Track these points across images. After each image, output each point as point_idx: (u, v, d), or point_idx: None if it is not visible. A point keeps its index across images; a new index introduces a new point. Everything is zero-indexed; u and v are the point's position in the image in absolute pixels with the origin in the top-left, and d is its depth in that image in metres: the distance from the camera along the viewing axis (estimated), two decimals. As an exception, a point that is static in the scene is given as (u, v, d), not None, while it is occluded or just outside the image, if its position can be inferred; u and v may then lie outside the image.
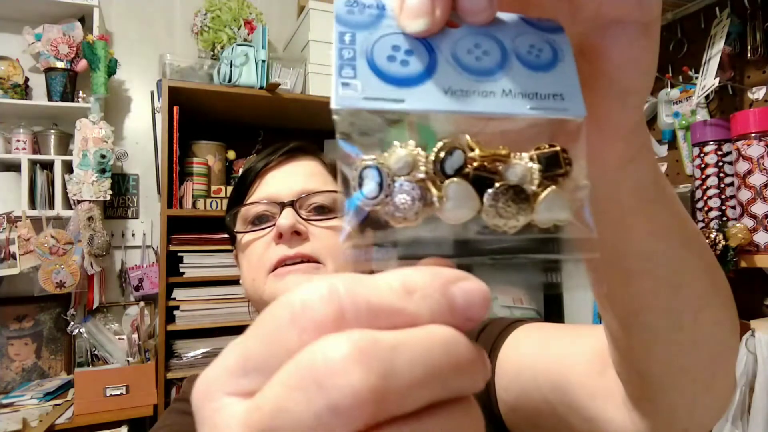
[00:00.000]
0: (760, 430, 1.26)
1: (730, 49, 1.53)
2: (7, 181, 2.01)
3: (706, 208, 1.54)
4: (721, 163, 1.51)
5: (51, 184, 2.03)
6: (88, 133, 1.98)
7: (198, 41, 2.25)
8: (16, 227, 1.92)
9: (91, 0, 2.07)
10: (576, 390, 0.44)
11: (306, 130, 2.38)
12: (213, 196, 2.07)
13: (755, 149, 1.38)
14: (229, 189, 2.09)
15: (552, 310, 2.25)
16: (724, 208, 1.51)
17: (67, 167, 2.04)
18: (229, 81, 1.99)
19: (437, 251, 0.20)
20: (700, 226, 1.55)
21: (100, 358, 2.03)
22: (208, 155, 2.15)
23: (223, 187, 2.11)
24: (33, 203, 1.99)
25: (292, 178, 0.70)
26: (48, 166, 2.04)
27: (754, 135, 1.38)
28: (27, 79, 2.13)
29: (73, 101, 2.09)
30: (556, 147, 0.21)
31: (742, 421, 1.30)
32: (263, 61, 2.02)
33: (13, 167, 2.03)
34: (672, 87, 1.74)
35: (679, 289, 0.34)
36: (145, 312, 2.08)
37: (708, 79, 1.49)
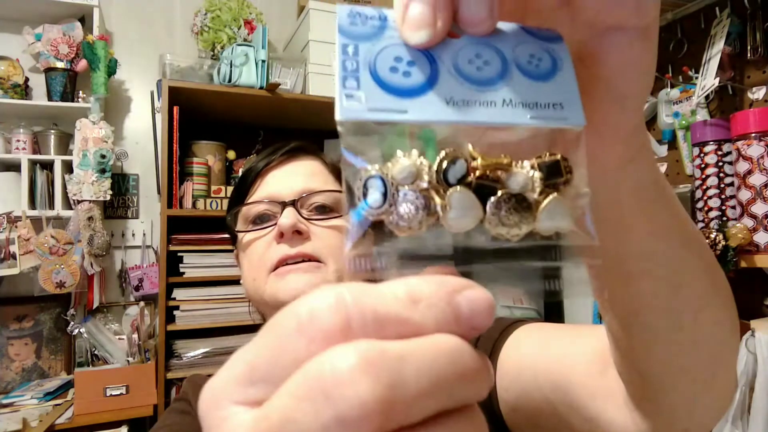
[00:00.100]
0: (760, 430, 1.27)
1: (730, 49, 1.53)
2: (7, 181, 2.01)
3: (706, 208, 1.54)
4: (721, 163, 1.51)
5: (51, 184, 2.03)
6: (88, 133, 1.98)
7: (198, 41, 2.25)
8: (16, 227, 1.92)
9: (91, 0, 2.07)
10: (577, 390, 0.45)
11: (306, 130, 2.38)
12: (213, 196, 2.07)
13: (755, 149, 1.38)
14: (229, 189, 2.09)
15: (552, 311, 2.25)
16: (724, 208, 1.51)
17: (67, 167, 2.04)
18: (229, 81, 1.99)
19: (441, 260, 0.20)
20: (700, 226, 1.56)
21: (100, 358, 2.03)
22: (208, 155, 2.15)
23: (223, 187, 2.11)
24: (33, 203, 1.99)
25: (293, 178, 0.70)
26: (48, 166, 2.04)
27: (754, 135, 1.38)
28: (27, 79, 2.13)
29: (73, 101, 2.08)
30: (556, 155, 0.21)
31: (742, 421, 1.30)
32: (263, 61, 2.02)
33: (13, 167, 2.03)
34: (672, 87, 1.74)
35: (679, 289, 0.34)
36: (145, 312, 2.08)
37: (708, 79, 1.49)
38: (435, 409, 0.16)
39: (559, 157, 0.21)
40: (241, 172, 0.75)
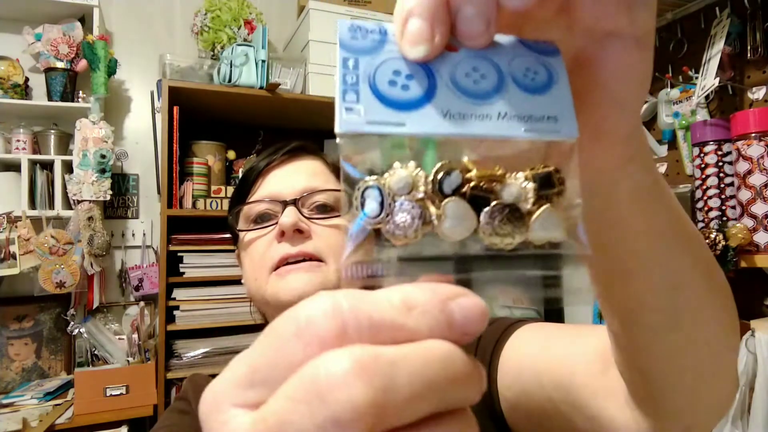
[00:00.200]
0: (760, 430, 1.27)
1: (730, 49, 1.54)
2: (7, 181, 2.01)
3: (706, 208, 1.54)
4: (721, 163, 1.51)
5: (51, 184, 2.03)
6: (88, 133, 1.99)
7: (198, 41, 2.25)
8: (16, 227, 1.93)
9: (91, 0, 2.07)
10: (578, 389, 0.45)
11: (306, 130, 2.38)
12: (213, 196, 2.07)
13: (755, 149, 1.38)
14: (229, 189, 2.10)
15: (552, 312, 2.25)
16: (724, 208, 1.51)
17: (67, 167, 2.04)
18: (229, 81, 1.99)
19: (436, 268, 0.21)
20: (700, 226, 1.56)
21: (100, 358, 2.04)
22: (208, 155, 2.16)
23: (223, 187, 2.11)
24: (33, 203, 2.00)
25: (294, 177, 0.71)
26: (48, 166, 2.05)
27: (754, 135, 1.38)
28: (27, 79, 2.13)
29: (73, 101, 2.09)
30: (550, 167, 0.21)
31: (742, 421, 1.30)
32: (263, 61, 2.03)
33: (13, 167, 2.03)
34: (672, 87, 1.74)
35: (678, 288, 0.35)
36: (145, 312, 2.09)
37: (708, 79, 1.49)
38: (427, 412, 0.17)
39: (552, 168, 0.21)
40: (241, 171, 0.76)
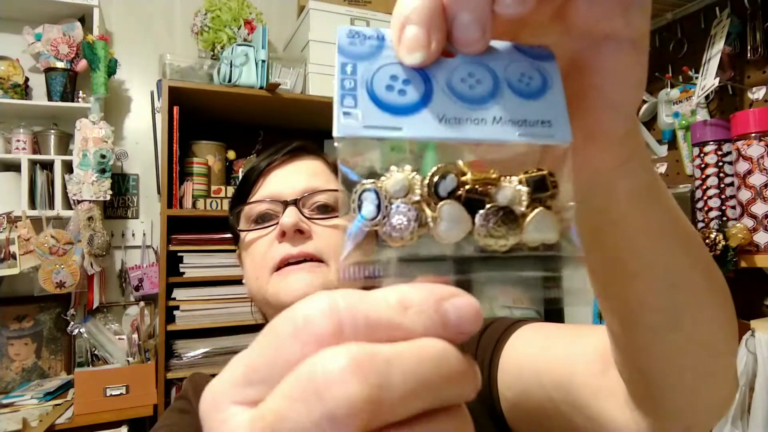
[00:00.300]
0: (760, 430, 1.27)
1: (730, 49, 1.54)
2: (7, 181, 2.02)
3: (706, 208, 1.54)
4: (721, 163, 1.51)
5: (51, 184, 2.04)
6: (88, 133, 1.99)
7: (198, 41, 2.25)
8: (16, 227, 1.93)
9: (91, 0, 2.07)
10: (578, 389, 0.45)
11: (306, 130, 2.38)
12: (213, 196, 2.08)
13: (755, 149, 1.38)
14: (229, 189, 2.10)
15: (552, 312, 2.25)
16: (724, 208, 1.51)
17: (67, 167, 2.04)
18: (229, 81, 1.99)
19: (433, 269, 0.21)
20: (700, 226, 1.56)
21: (100, 358, 2.04)
22: (208, 155, 2.16)
23: (223, 187, 2.12)
24: (33, 203, 2.00)
25: (295, 177, 0.71)
26: (48, 166, 2.05)
27: (754, 135, 1.38)
28: (27, 79, 2.13)
29: (73, 101, 2.09)
30: (543, 171, 0.22)
31: (742, 421, 1.30)
32: (263, 61, 2.03)
33: (13, 167, 2.03)
34: (672, 87, 1.74)
35: (678, 288, 0.35)
36: (145, 312, 2.09)
37: (708, 79, 1.49)
38: (421, 408, 0.17)
39: (546, 172, 0.22)
40: (241, 172, 0.76)
